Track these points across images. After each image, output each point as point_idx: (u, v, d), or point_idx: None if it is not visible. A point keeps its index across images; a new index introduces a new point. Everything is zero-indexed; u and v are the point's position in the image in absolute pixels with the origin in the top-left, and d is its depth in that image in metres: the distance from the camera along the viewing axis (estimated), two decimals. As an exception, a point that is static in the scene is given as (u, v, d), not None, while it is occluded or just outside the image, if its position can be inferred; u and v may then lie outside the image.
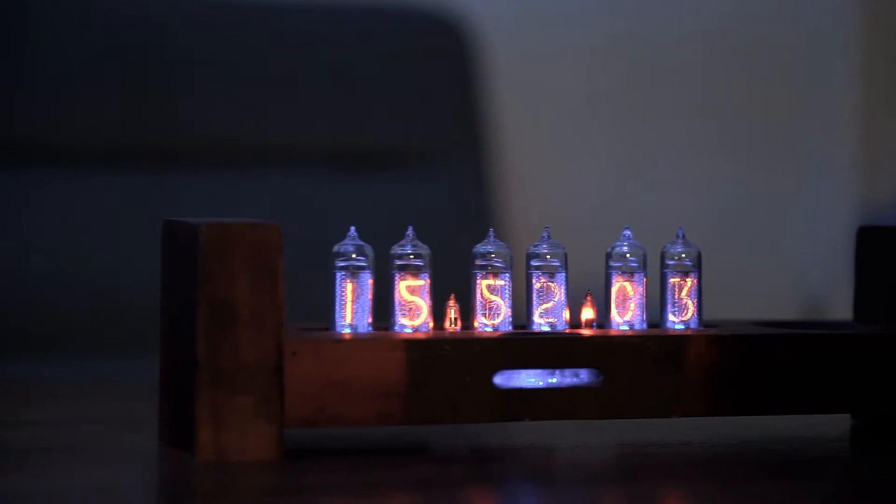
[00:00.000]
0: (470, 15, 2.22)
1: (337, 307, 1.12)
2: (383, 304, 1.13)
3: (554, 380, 1.12)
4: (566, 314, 1.14)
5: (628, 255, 1.15)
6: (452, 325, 1.14)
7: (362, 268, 1.12)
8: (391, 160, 2.13)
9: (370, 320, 1.12)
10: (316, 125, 2.10)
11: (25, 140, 2.03)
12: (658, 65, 2.44)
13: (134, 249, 1.88)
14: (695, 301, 1.16)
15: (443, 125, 2.16)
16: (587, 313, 1.15)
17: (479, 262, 1.14)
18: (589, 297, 1.15)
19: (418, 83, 2.14)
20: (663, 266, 1.16)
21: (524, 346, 1.11)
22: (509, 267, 1.14)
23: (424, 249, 1.13)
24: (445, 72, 2.17)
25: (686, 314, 1.16)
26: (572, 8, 2.39)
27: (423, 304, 1.13)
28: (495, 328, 1.13)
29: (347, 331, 1.12)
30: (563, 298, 1.14)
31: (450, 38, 2.16)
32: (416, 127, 2.14)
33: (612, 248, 1.16)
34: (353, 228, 1.14)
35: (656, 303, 1.16)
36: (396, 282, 1.13)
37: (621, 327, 1.15)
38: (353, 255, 1.12)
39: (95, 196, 2.02)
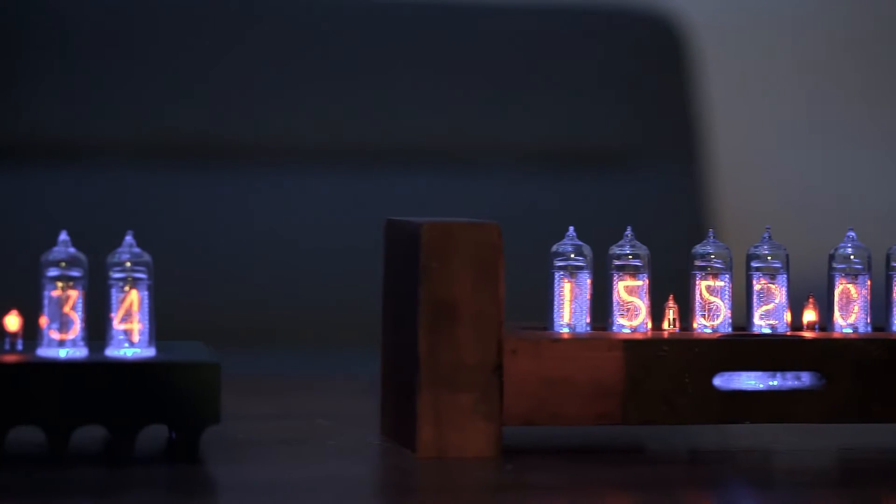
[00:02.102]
0: (683, 13, 2.20)
1: (555, 307, 1.13)
2: (601, 304, 1.13)
3: (775, 382, 1.11)
4: (787, 316, 1.13)
5: (852, 257, 1.14)
6: (671, 326, 1.14)
7: (581, 268, 1.13)
8: (609, 160, 2.13)
9: (588, 320, 1.13)
10: (533, 125, 2.11)
11: (250, 140, 2.08)
12: (876, 55, 2.39)
13: (357, 247, 1.91)
14: (920, 304, 1.13)
15: (658, 124, 2.15)
16: (809, 315, 1.14)
17: (698, 262, 1.14)
18: (811, 300, 1.14)
19: (633, 82, 2.14)
20: (889, 268, 1.14)
21: (744, 348, 1.10)
22: (729, 268, 1.13)
23: (643, 250, 1.13)
24: (660, 70, 2.16)
25: (911, 317, 1.14)
26: (785, 1, 2.35)
27: (642, 305, 1.13)
28: (714, 329, 1.13)
29: (566, 330, 1.12)
30: (784, 300, 1.13)
31: (663, 36, 2.15)
32: (633, 126, 2.13)
33: (836, 249, 1.14)
34: (571, 228, 1.14)
35: (881, 305, 1.14)
36: (615, 282, 1.13)
37: (844, 330, 1.14)
38: (572, 255, 1.13)
39: (321, 194, 2.06)
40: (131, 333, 1.04)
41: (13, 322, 1.03)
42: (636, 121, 2.13)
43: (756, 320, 1.13)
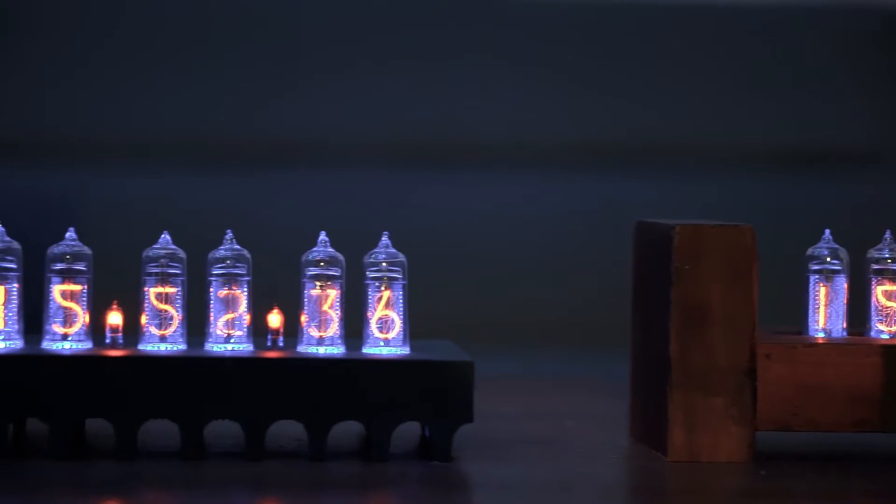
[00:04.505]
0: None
1: (810, 311, 1.11)
2: (858, 309, 1.11)
3: None
4: None
5: None
6: (931, 332, 1.11)
7: (837, 272, 1.11)
8: (867, 160, 2.09)
9: (844, 325, 1.11)
10: (787, 126, 2.08)
11: (498, 140, 2.09)
12: None
13: (605, 248, 1.91)
14: None
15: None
16: None
17: (960, 267, 1.11)
18: None
19: (887, 80, 2.09)
20: None
21: None
22: None
23: (901, 253, 1.11)
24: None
25: None
26: None
27: (900, 310, 1.10)
28: (977, 336, 1.10)
29: (821, 335, 1.11)
30: None
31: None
32: (890, 126, 2.09)
33: None
34: (827, 231, 1.12)
35: None
36: (873, 286, 1.11)
37: None
38: (828, 259, 1.11)
39: (570, 194, 2.06)
40: (386, 332, 1.06)
41: (275, 319, 1.06)
42: (893, 120, 2.09)
43: None
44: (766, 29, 2.10)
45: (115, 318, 1.05)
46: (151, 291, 1.05)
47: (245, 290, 1.06)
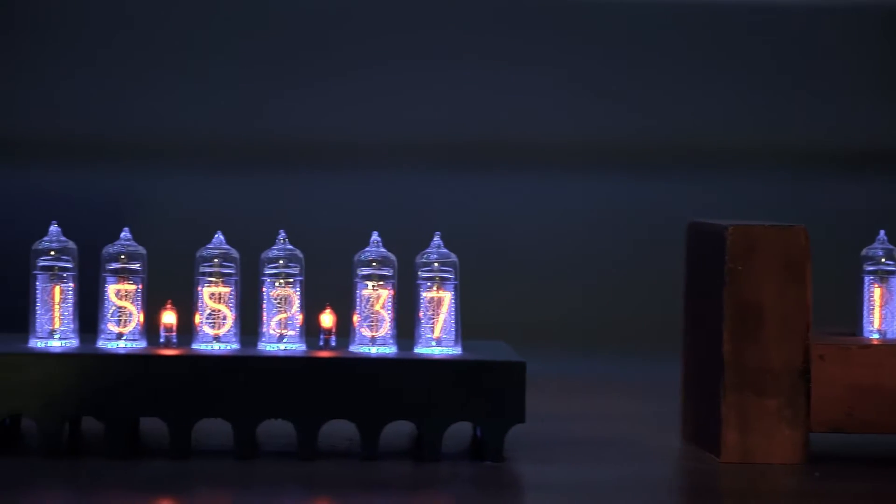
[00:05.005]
0: None
1: (865, 312, 1.11)
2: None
3: None
4: None
5: None
6: None
7: (892, 272, 1.10)
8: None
9: (900, 326, 1.10)
10: (841, 126, 2.07)
11: (549, 140, 2.09)
12: None
13: (656, 248, 1.91)
14: None
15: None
16: None
17: None
18: None
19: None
20: None
21: None
22: None
23: (957, 254, 1.10)
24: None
25: None
26: None
27: (956, 311, 1.10)
28: None
29: (876, 336, 1.10)
30: None
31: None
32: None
33: None
34: (882, 232, 1.12)
35: None
36: (928, 287, 1.10)
37: None
38: (883, 260, 1.10)
39: (621, 195, 2.06)
40: (437, 332, 1.06)
41: (328, 320, 1.06)
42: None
43: None
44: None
45: (169, 317, 1.06)
46: (205, 291, 1.06)
47: (298, 289, 1.06)
